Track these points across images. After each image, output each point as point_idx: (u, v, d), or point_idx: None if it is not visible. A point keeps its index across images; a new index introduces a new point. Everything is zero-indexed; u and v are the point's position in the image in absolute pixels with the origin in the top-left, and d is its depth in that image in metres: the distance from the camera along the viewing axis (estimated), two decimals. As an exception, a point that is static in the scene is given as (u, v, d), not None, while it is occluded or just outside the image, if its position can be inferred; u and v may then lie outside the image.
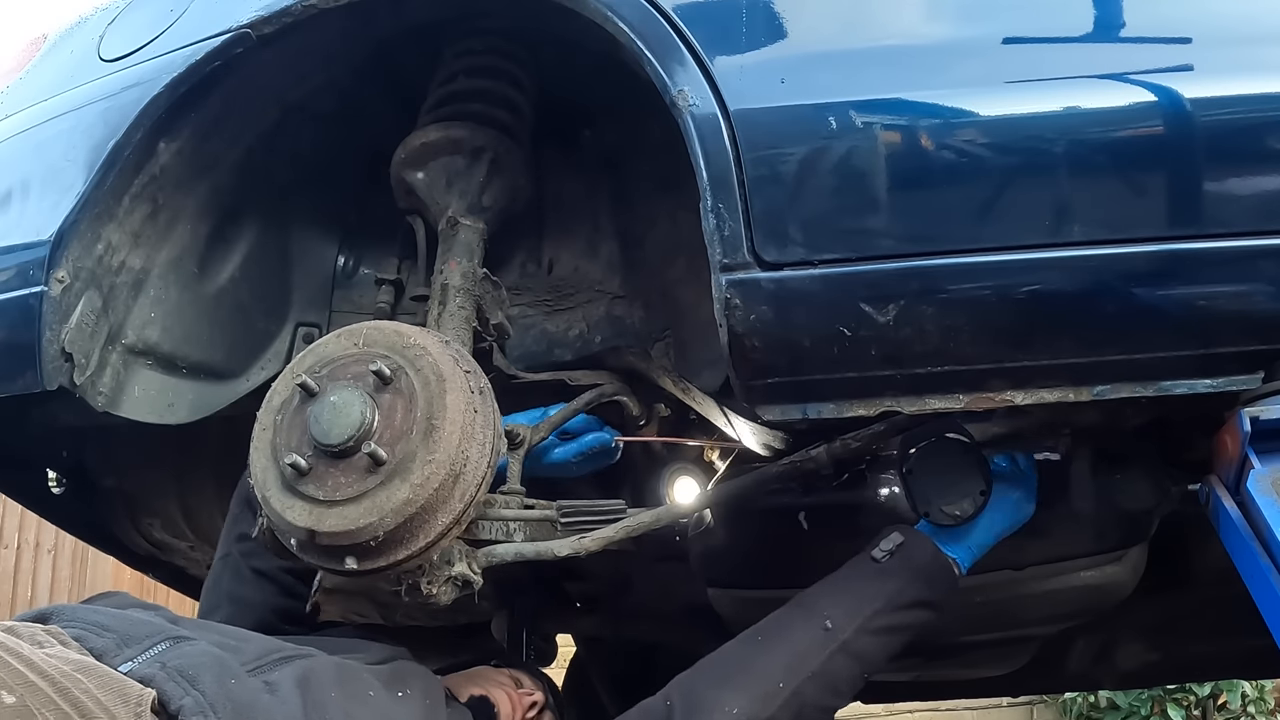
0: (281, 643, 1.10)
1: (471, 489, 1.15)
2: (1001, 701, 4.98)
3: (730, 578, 1.62)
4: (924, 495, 1.25)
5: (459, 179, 1.46)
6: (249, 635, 1.10)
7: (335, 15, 1.30)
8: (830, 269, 1.09)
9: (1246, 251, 1.05)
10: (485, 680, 1.36)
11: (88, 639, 0.95)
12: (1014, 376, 1.11)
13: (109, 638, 0.96)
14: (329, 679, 1.03)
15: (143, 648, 0.96)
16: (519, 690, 1.37)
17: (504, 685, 1.36)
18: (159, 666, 0.92)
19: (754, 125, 1.11)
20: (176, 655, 0.95)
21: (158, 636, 0.98)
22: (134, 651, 0.95)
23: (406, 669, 1.20)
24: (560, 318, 1.64)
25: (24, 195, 1.39)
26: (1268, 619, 0.98)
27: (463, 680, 1.35)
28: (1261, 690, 4.83)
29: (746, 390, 1.16)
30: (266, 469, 1.16)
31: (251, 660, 1.02)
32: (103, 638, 0.96)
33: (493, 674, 1.39)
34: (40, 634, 0.91)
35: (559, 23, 1.29)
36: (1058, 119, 1.07)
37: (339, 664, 1.08)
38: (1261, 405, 1.04)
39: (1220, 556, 1.07)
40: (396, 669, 1.19)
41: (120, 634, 0.97)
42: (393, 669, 1.18)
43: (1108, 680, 2.24)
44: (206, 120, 1.38)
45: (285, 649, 1.07)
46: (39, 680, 0.77)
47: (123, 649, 0.95)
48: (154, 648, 0.96)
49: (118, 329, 1.39)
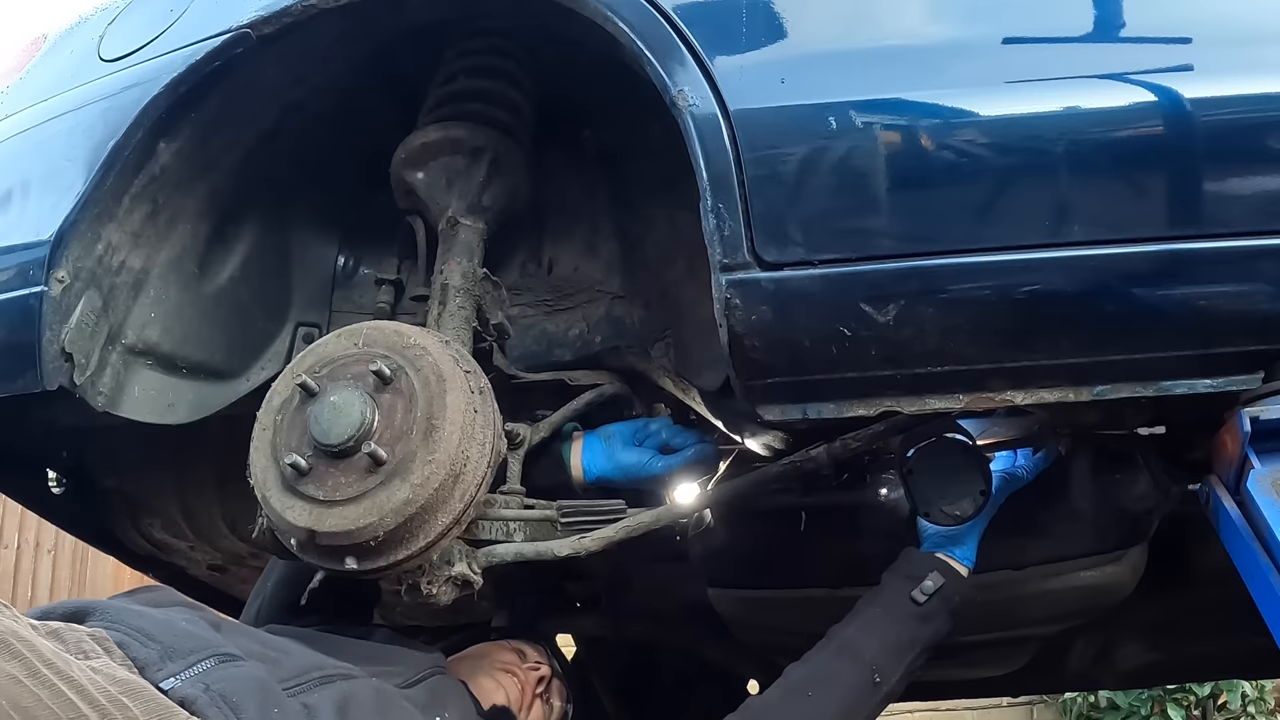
0: (321, 658, 1.07)
1: (471, 489, 1.15)
2: (1001, 701, 4.98)
3: (730, 578, 1.62)
4: (924, 495, 1.25)
5: (459, 179, 1.46)
6: (289, 647, 1.07)
7: (335, 15, 1.30)
8: (830, 269, 1.09)
9: (1246, 251, 1.05)
10: (489, 663, 1.35)
11: (131, 646, 0.91)
12: (1014, 376, 1.11)
13: (153, 649, 0.92)
14: (369, 705, 1.01)
15: (187, 663, 0.92)
16: (524, 665, 1.36)
17: (509, 666, 1.35)
18: (202, 688, 0.89)
19: (754, 125, 1.11)
20: (221, 677, 0.91)
21: (203, 652, 0.94)
22: (177, 667, 0.91)
23: (441, 687, 1.19)
24: (560, 318, 1.64)
25: (24, 195, 1.39)
26: (1268, 619, 0.98)
27: (470, 667, 1.34)
28: (1261, 690, 4.82)
29: (746, 390, 1.16)
30: (266, 469, 1.16)
31: (291, 678, 0.99)
32: (147, 648, 0.92)
33: (496, 653, 1.38)
34: (86, 641, 0.88)
35: (559, 23, 1.29)
36: (1058, 119, 1.07)
37: (378, 689, 1.06)
38: (1261, 405, 1.04)
39: (1220, 556, 1.07)
40: (432, 689, 1.17)
41: (165, 645, 0.93)
42: (429, 690, 1.16)
43: (1108, 680, 2.23)
44: (206, 120, 1.38)
45: (325, 666, 1.05)
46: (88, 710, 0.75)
47: (166, 662, 0.91)
48: (199, 664, 0.92)
49: (118, 329, 1.39)
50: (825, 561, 1.52)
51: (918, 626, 1.23)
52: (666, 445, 1.40)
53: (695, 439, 1.40)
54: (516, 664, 1.36)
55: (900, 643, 1.22)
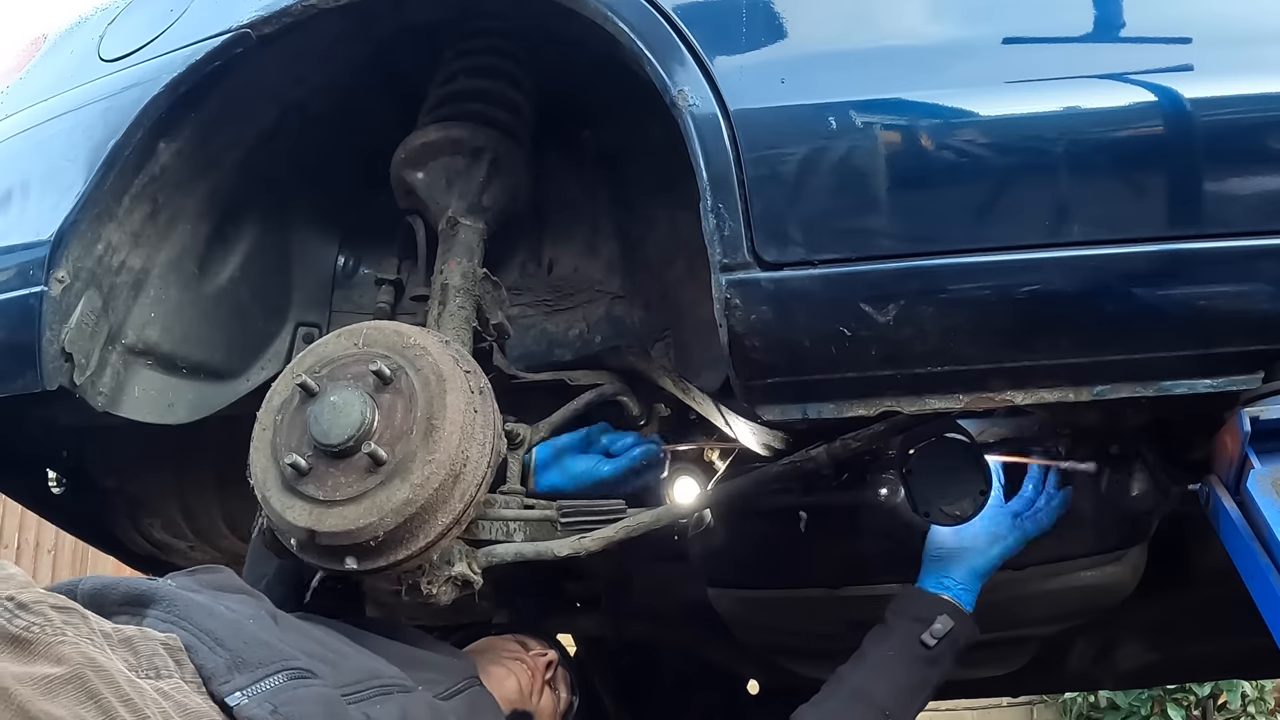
0: (375, 663, 1.05)
1: (471, 489, 1.15)
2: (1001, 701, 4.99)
3: (730, 578, 1.62)
4: (924, 495, 1.25)
5: (459, 179, 1.46)
6: (342, 649, 1.05)
7: (335, 15, 1.30)
8: (830, 269, 1.09)
9: (1246, 251, 1.05)
10: (497, 653, 1.36)
11: (199, 651, 0.88)
12: (1014, 376, 1.11)
13: (221, 657, 0.88)
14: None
15: (255, 677, 0.88)
16: (530, 653, 1.37)
17: (517, 654, 1.36)
18: (270, 710, 0.85)
19: (754, 125, 1.11)
20: (290, 698, 0.88)
21: (273, 665, 0.90)
22: (245, 680, 0.87)
23: (479, 700, 1.19)
24: (560, 318, 1.64)
25: (24, 195, 1.39)
26: (1268, 619, 0.98)
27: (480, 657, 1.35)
28: (1261, 690, 4.83)
29: (746, 390, 1.16)
30: (266, 469, 1.16)
31: (349, 684, 0.97)
32: (216, 655, 0.88)
33: (502, 644, 1.39)
34: (160, 655, 0.84)
35: (559, 23, 1.29)
36: (1058, 119, 1.07)
37: (431, 705, 1.06)
38: (1261, 405, 1.04)
39: (1220, 556, 1.07)
40: (471, 703, 1.17)
41: (234, 654, 0.89)
42: (469, 703, 1.16)
43: (1108, 680, 2.24)
44: (206, 120, 1.38)
45: (383, 675, 1.03)
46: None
47: (234, 674, 0.87)
48: (268, 679, 0.88)
49: (118, 329, 1.39)
50: (825, 561, 1.52)
51: (927, 670, 1.23)
52: (608, 450, 1.41)
53: (634, 441, 1.41)
54: (523, 653, 1.37)
55: (911, 685, 1.23)
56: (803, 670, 1.77)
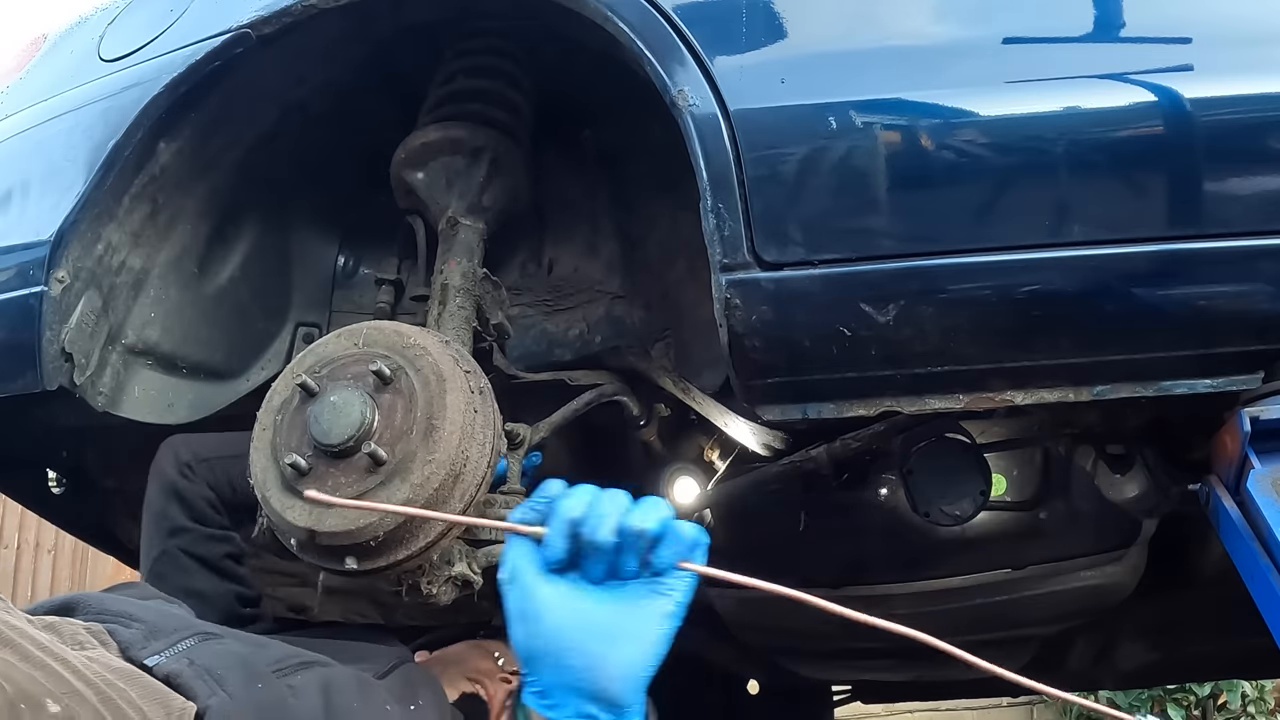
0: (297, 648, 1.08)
1: (471, 489, 1.15)
2: (1001, 701, 4.99)
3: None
4: (924, 495, 1.25)
5: (459, 179, 1.46)
6: (267, 641, 1.08)
7: (335, 15, 1.30)
8: (830, 269, 1.09)
9: (1246, 251, 1.05)
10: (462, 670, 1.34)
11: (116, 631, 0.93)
12: (1014, 376, 1.11)
13: (137, 629, 0.94)
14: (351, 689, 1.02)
15: (170, 641, 0.94)
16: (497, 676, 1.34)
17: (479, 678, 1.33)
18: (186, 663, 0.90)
19: (754, 125, 1.11)
20: (204, 653, 0.93)
21: (186, 631, 0.96)
22: (161, 645, 0.92)
23: (412, 676, 1.19)
24: (560, 318, 1.64)
25: (24, 195, 1.39)
26: (1268, 619, 0.98)
27: (448, 667, 1.33)
28: (1261, 690, 4.83)
29: (746, 390, 1.16)
30: (266, 469, 1.16)
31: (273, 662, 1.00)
32: (130, 629, 0.94)
33: (472, 659, 1.37)
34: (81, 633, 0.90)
35: (559, 23, 1.29)
36: (1058, 119, 1.07)
37: (358, 675, 1.07)
38: (1261, 405, 1.04)
39: (1220, 556, 1.07)
40: (405, 678, 1.17)
41: (148, 625, 0.95)
42: (401, 679, 1.16)
43: (1108, 680, 2.24)
44: (206, 120, 1.38)
45: (303, 654, 1.06)
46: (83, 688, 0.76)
47: (150, 641, 0.93)
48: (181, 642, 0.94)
49: (118, 329, 1.39)
50: (825, 561, 1.52)
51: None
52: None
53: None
54: (490, 674, 1.34)
55: None
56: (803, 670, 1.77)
